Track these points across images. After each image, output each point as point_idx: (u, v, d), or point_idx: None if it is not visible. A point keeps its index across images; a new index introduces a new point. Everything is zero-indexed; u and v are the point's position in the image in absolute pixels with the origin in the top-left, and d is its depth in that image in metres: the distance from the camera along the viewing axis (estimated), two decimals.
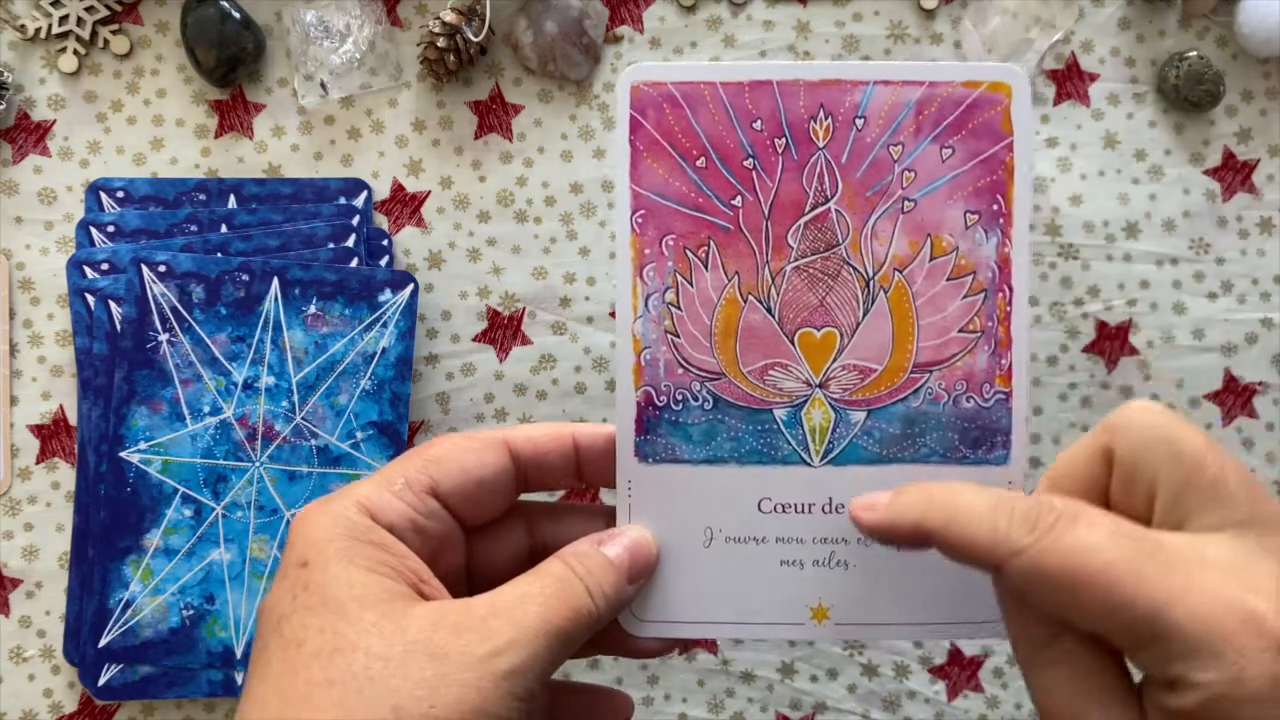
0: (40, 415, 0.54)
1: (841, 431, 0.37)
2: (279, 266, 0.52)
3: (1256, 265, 0.56)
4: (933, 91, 0.36)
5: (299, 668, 0.30)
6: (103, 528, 0.51)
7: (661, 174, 0.37)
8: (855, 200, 0.37)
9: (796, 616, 0.37)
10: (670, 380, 0.37)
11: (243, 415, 0.52)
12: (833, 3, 0.55)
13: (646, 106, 0.37)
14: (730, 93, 0.36)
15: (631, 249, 0.37)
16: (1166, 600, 0.27)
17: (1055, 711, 0.30)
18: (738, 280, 0.37)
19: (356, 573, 0.32)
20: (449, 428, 0.55)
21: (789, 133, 0.36)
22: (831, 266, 0.37)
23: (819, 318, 0.37)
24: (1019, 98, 0.36)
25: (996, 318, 0.37)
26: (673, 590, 0.37)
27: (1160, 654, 0.27)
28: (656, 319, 0.37)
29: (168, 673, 0.52)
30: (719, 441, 0.37)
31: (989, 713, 0.55)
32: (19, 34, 0.54)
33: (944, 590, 0.37)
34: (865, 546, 0.37)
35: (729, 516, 0.37)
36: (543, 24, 0.54)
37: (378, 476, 0.35)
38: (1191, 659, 0.27)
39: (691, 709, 0.55)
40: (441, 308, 0.55)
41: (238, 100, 0.55)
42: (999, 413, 0.37)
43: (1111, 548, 0.28)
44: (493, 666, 0.30)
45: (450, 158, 0.55)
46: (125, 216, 0.54)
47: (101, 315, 0.52)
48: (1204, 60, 0.54)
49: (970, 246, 0.37)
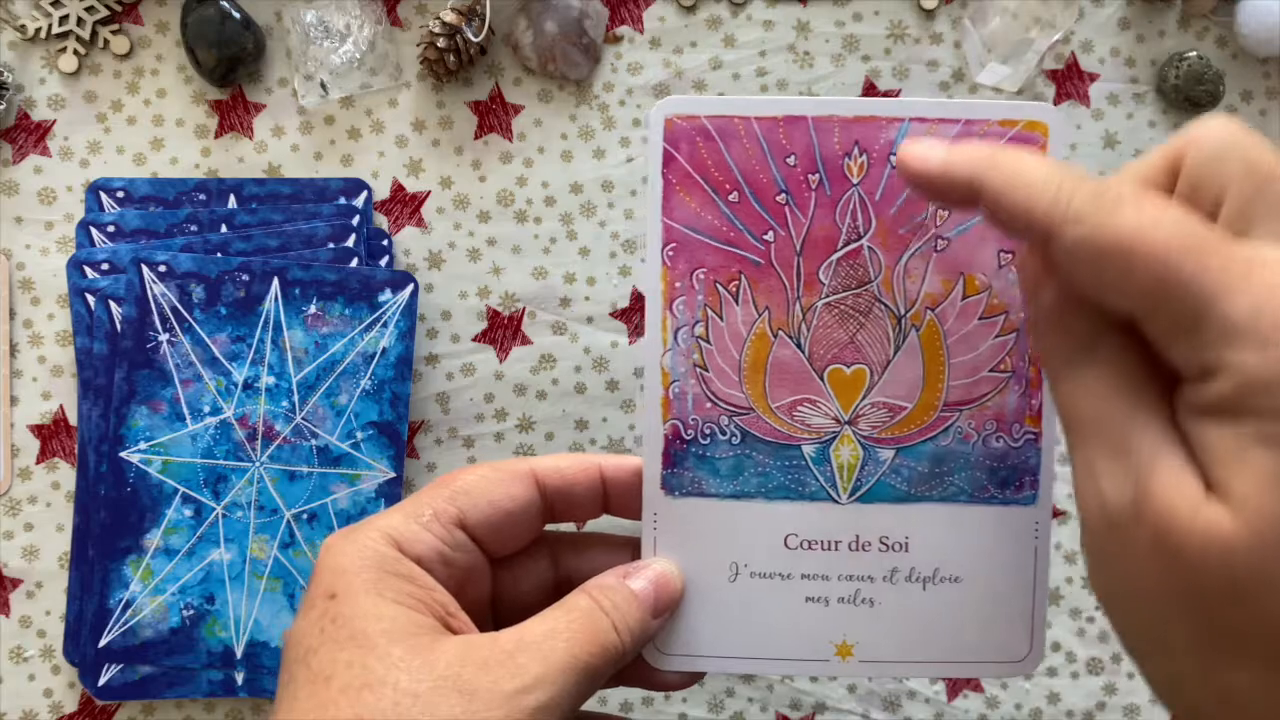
0: (40, 415, 0.54)
1: (870, 469, 0.37)
2: (279, 266, 0.52)
3: None
4: (969, 129, 0.36)
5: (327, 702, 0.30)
6: (103, 528, 0.51)
7: (694, 207, 0.37)
8: (888, 238, 0.36)
9: (821, 654, 0.37)
10: (698, 414, 0.37)
11: (243, 415, 0.52)
12: (833, 3, 0.55)
13: (680, 139, 0.36)
14: (764, 127, 0.36)
15: (662, 282, 0.37)
16: (1223, 285, 0.26)
17: (1083, 417, 0.29)
18: (768, 315, 0.37)
19: (384, 605, 0.32)
20: (449, 428, 0.55)
21: (823, 168, 0.36)
22: (863, 303, 0.37)
23: (849, 354, 0.37)
24: (1055, 137, 0.36)
25: (1027, 358, 0.37)
26: (697, 624, 0.37)
27: (1203, 339, 0.26)
28: (686, 353, 0.37)
29: (168, 673, 0.52)
30: (746, 476, 0.37)
31: (989, 713, 0.55)
32: (19, 34, 0.54)
33: (972, 630, 0.37)
34: (891, 585, 0.37)
35: (755, 552, 0.37)
36: (543, 24, 0.54)
37: (405, 507, 0.35)
38: (1235, 342, 0.26)
39: (691, 709, 0.55)
40: (441, 308, 0.55)
41: (238, 100, 0.55)
42: (1028, 453, 0.37)
43: (1175, 229, 0.27)
44: (521, 703, 0.30)
45: (450, 158, 0.55)
46: (125, 216, 0.54)
47: (101, 315, 0.52)
48: (1204, 60, 0.54)
49: (1003, 286, 0.37)
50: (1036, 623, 0.38)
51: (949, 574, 0.37)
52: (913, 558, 0.37)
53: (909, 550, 0.37)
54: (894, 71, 0.55)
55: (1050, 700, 0.55)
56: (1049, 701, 0.55)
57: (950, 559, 0.37)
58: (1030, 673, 0.38)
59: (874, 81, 0.55)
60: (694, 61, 0.55)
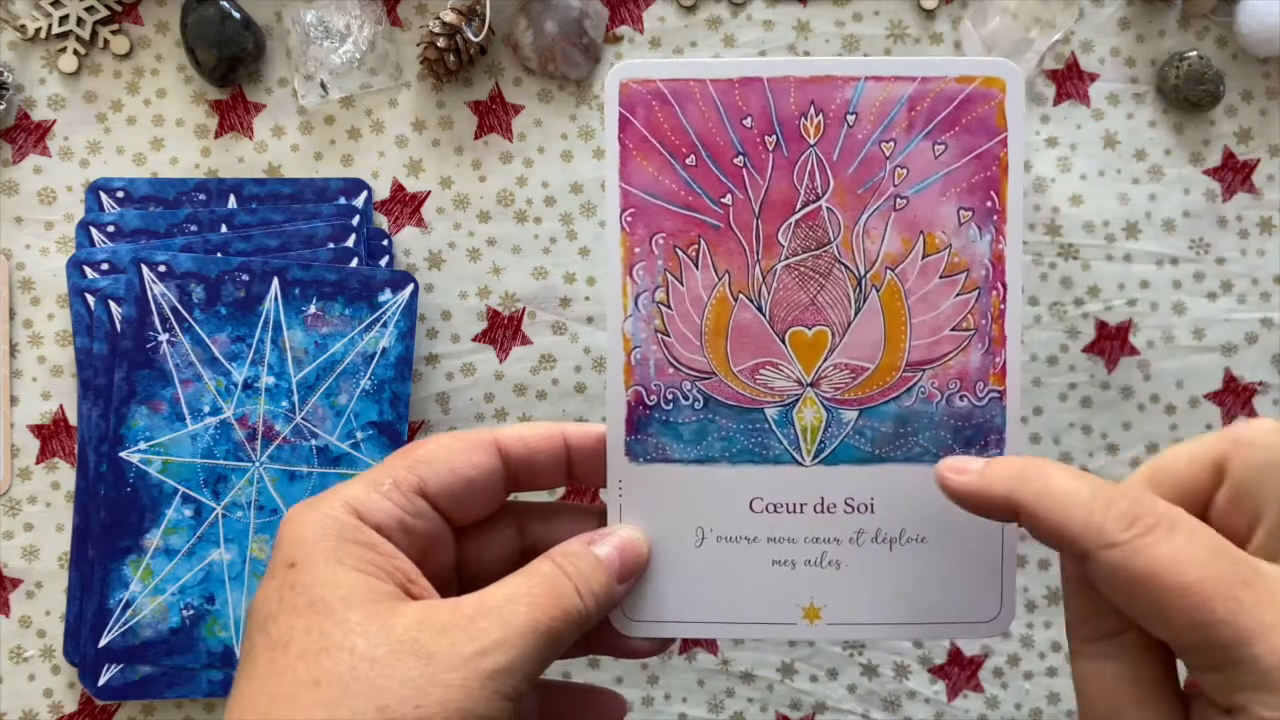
0: (40, 415, 0.54)
1: (833, 431, 0.37)
2: (279, 266, 0.52)
3: (1256, 265, 0.56)
4: (925, 87, 0.36)
5: (284, 668, 0.30)
6: (103, 528, 0.51)
7: (651, 172, 0.37)
8: (847, 198, 0.36)
9: (788, 616, 0.37)
10: (661, 379, 0.37)
11: (243, 415, 0.52)
12: (833, 3, 0.55)
13: (635, 104, 0.36)
14: (720, 89, 0.36)
15: (621, 247, 0.37)
16: (1255, 631, 0.27)
17: (1095, 703, 0.30)
18: (728, 279, 0.37)
19: (344, 573, 0.32)
20: (449, 428, 0.55)
21: (779, 130, 0.36)
22: (823, 265, 0.37)
23: (810, 316, 0.37)
24: (1013, 92, 0.36)
25: (990, 315, 0.37)
26: (664, 590, 0.37)
27: (1231, 681, 0.27)
28: (646, 318, 0.37)
29: (168, 673, 0.52)
30: (710, 441, 0.37)
31: (989, 713, 0.55)
32: (19, 34, 0.54)
33: (939, 590, 0.37)
34: (857, 546, 0.37)
35: (720, 516, 0.37)
36: (543, 24, 0.54)
37: (366, 477, 0.35)
38: (1263, 693, 0.26)
39: (691, 709, 0.55)
40: (441, 308, 0.55)
41: (238, 100, 0.55)
42: (993, 411, 0.37)
43: (1209, 565, 0.28)
44: (479, 666, 0.30)
45: (450, 158, 0.55)
46: (125, 216, 0.54)
47: (101, 315, 0.52)
48: (1204, 60, 0.54)
49: (963, 244, 0.36)
50: (1006, 582, 0.37)
51: (915, 534, 0.37)
52: (879, 519, 0.37)
53: (875, 511, 0.37)
54: None
55: (1050, 700, 0.55)
56: (1049, 701, 0.55)
57: (916, 520, 0.37)
58: (1002, 632, 0.38)
59: None
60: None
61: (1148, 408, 0.56)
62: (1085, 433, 0.56)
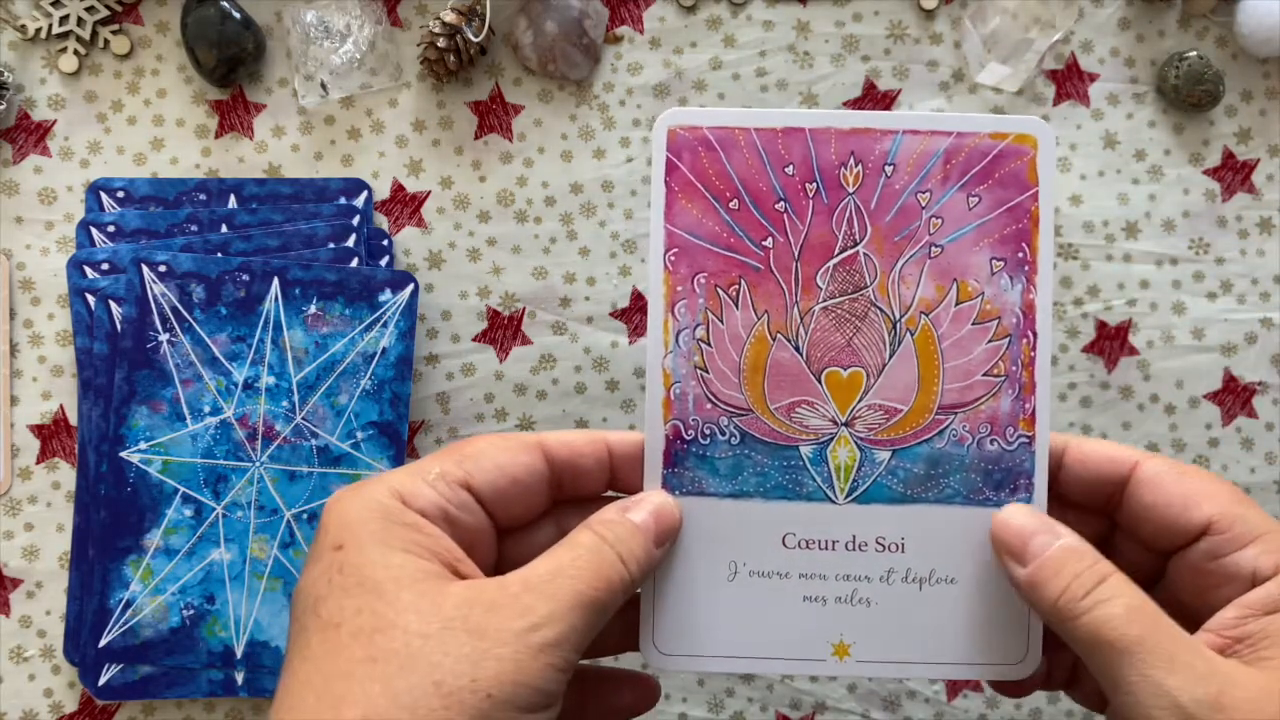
0: (40, 415, 0.54)
1: (866, 470, 0.38)
2: (279, 266, 0.52)
3: (1256, 265, 0.56)
4: (960, 142, 0.37)
5: (338, 647, 0.31)
6: (103, 528, 0.52)
7: (695, 214, 0.38)
8: (883, 244, 0.37)
9: (818, 653, 0.38)
10: (699, 415, 0.38)
11: (243, 415, 0.52)
12: (833, 3, 0.55)
13: (682, 149, 0.38)
14: (764, 138, 0.37)
15: (664, 286, 0.38)
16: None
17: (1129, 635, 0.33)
18: (767, 319, 0.38)
19: (392, 554, 0.32)
20: (449, 428, 0.55)
21: (820, 178, 0.37)
22: (859, 308, 0.38)
23: (846, 358, 0.38)
24: (1044, 149, 0.37)
25: (1021, 362, 0.38)
26: (695, 623, 0.38)
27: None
28: (686, 354, 0.38)
29: (168, 673, 0.52)
30: (745, 476, 0.38)
31: (989, 713, 0.55)
32: (19, 34, 0.54)
33: (967, 631, 0.38)
34: (888, 585, 0.38)
35: (753, 551, 0.38)
36: (543, 24, 0.54)
37: (412, 466, 0.36)
38: None
39: (692, 709, 0.55)
40: (441, 308, 0.55)
41: (238, 100, 0.55)
42: (1022, 455, 0.38)
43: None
44: (530, 640, 0.31)
45: (450, 158, 0.55)
46: (125, 216, 0.54)
47: (102, 315, 0.52)
48: (1204, 60, 0.54)
49: (995, 292, 0.37)
50: (1033, 625, 0.38)
51: (945, 575, 0.38)
52: (909, 558, 0.38)
53: (905, 551, 0.38)
54: (894, 72, 0.55)
55: (1050, 700, 0.56)
56: (1049, 701, 0.55)
57: (946, 560, 0.38)
58: (1027, 675, 0.38)
59: (874, 81, 0.55)
60: (694, 62, 0.55)
61: (1147, 408, 0.56)
62: (1085, 433, 0.56)
